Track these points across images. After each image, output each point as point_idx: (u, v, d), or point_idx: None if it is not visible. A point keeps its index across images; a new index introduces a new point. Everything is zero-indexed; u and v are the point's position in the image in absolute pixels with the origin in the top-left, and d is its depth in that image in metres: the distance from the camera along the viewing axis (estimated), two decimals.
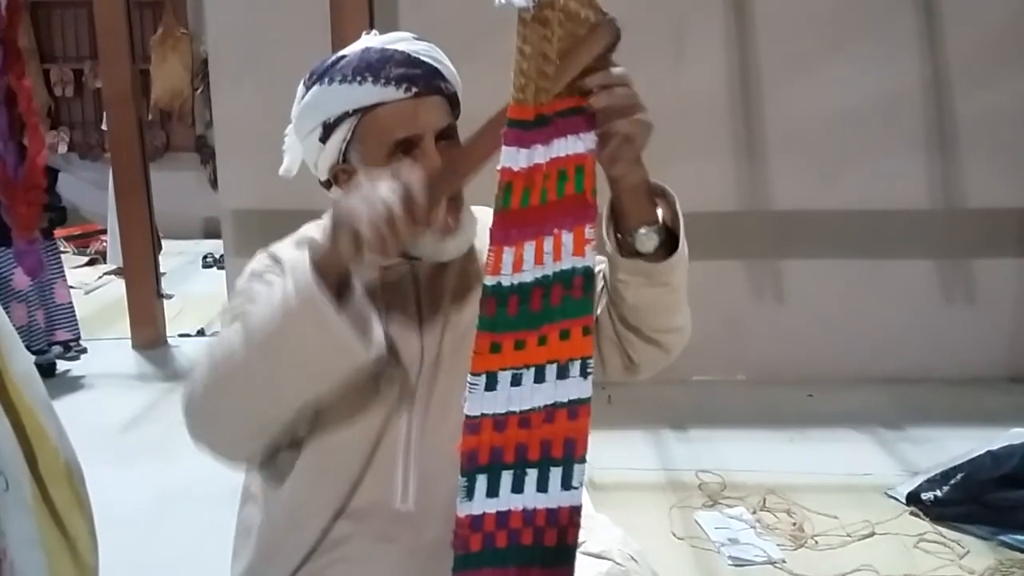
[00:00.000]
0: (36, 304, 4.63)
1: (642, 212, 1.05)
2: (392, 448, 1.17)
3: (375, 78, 1.13)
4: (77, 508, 1.12)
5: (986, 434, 3.33)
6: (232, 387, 1.06)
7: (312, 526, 1.18)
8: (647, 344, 1.17)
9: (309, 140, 1.20)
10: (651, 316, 1.14)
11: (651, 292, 1.10)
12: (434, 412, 1.17)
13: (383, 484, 1.17)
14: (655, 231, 1.05)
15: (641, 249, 1.06)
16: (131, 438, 3.86)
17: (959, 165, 4.31)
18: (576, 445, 1.04)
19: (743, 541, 2.85)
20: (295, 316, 0.99)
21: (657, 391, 4.18)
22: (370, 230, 0.96)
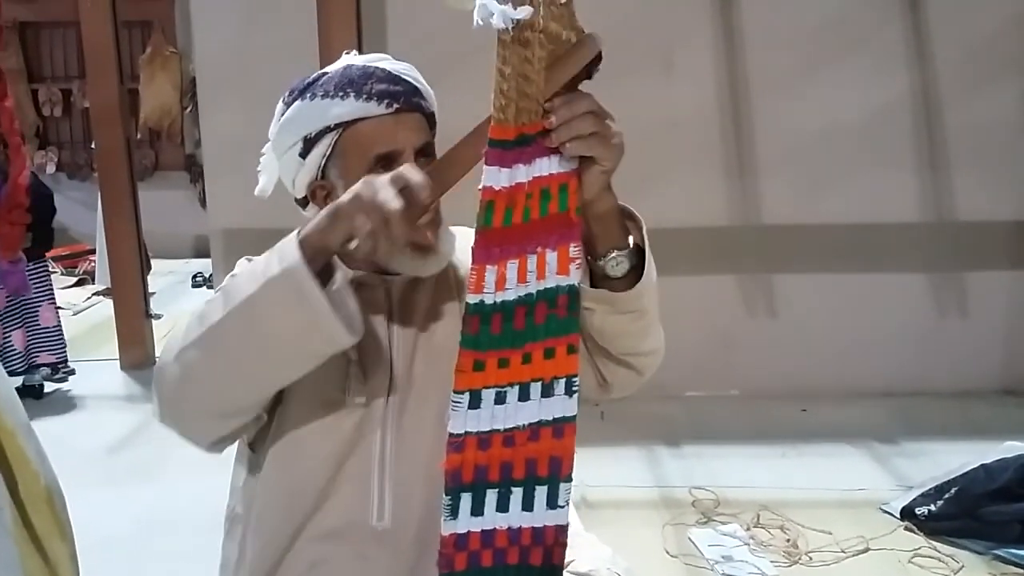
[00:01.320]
0: (16, 325, 4.58)
1: (612, 237, 1.03)
2: (366, 465, 1.15)
3: (357, 93, 1.13)
4: (58, 533, 1.10)
5: (980, 447, 3.33)
6: (206, 357, 1.04)
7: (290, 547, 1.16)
8: (618, 366, 1.16)
9: (288, 156, 1.19)
10: (620, 341, 1.13)
11: (618, 319, 1.09)
12: (408, 428, 1.16)
13: (358, 502, 1.15)
14: (625, 256, 1.04)
15: (612, 274, 1.04)
16: (119, 460, 3.83)
17: (948, 178, 4.33)
18: (562, 464, 1.03)
19: (737, 558, 2.83)
20: (276, 287, 0.98)
21: (650, 407, 4.18)
22: (366, 224, 0.95)
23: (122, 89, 4.88)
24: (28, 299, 4.61)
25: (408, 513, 1.15)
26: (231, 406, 1.09)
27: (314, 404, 1.14)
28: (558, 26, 0.92)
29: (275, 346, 1.02)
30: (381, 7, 4.13)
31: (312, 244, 0.99)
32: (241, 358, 1.04)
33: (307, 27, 3.82)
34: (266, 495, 1.18)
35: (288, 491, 1.16)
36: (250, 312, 1.00)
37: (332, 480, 1.15)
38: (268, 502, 1.17)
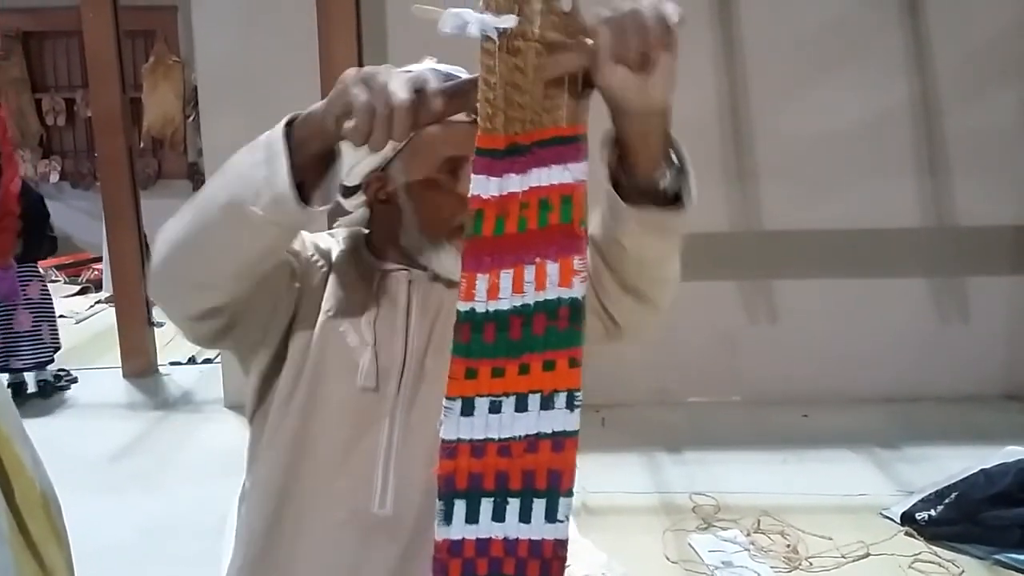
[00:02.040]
0: None
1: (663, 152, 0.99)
2: (372, 451, 1.16)
3: None
4: (54, 539, 1.10)
5: (981, 452, 3.32)
6: (186, 217, 1.06)
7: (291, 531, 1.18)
8: (637, 301, 1.13)
9: None
10: (654, 268, 1.10)
11: (660, 243, 1.05)
12: (416, 420, 1.17)
13: (362, 488, 1.16)
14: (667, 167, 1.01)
15: (665, 186, 1.01)
16: (121, 468, 3.83)
17: (949, 183, 4.33)
18: (562, 478, 1.02)
19: (737, 564, 2.83)
20: (253, 146, 1.00)
21: (651, 413, 4.19)
22: (363, 110, 0.91)
23: (124, 98, 4.89)
24: (10, 303, 4.59)
25: (409, 503, 1.16)
26: (200, 271, 1.08)
27: (326, 386, 1.16)
28: (559, 35, 0.90)
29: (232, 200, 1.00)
30: (382, 15, 4.14)
31: (310, 121, 0.98)
32: (208, 216, 1.03)
33: (307, 36, 3.84)
34: (273, 476, 1.19)
35: (295, 473, 1.17)
36: (225, 170, 1.03)
37: (339, 465, 1.16)
38: (274, 482, 1.19)
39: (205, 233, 1.05)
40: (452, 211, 1.16)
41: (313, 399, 1.17)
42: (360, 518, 1.16)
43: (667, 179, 1.01)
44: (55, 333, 4.85)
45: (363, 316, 1.19)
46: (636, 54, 0.87)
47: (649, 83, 0.89)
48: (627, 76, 0.89)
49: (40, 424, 4.39)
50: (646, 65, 0.88)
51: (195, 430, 4.19)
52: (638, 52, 0.87)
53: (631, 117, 0.94)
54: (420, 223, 1.19)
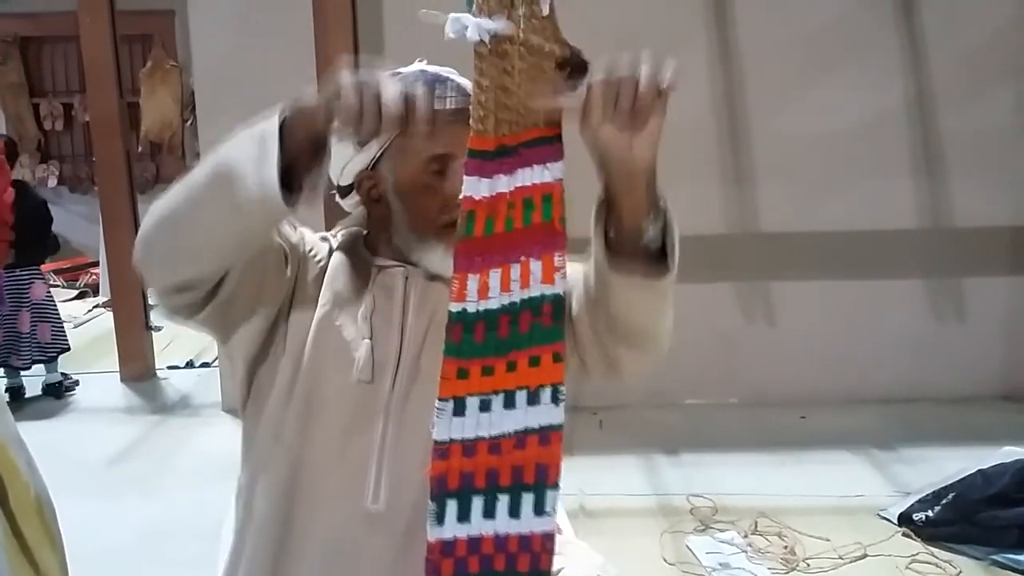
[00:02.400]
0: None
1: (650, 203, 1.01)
2: (366, 448, 1.17)
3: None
4: (48, 542, 1.11)
5: (979, 453, 3.32)
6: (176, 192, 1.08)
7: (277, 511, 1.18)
8: (635, 349, 1.14)
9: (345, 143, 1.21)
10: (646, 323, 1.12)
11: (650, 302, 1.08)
12: (410, 417, 1.18)
13: (355, 483, 1.17)
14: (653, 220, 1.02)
15: (648, 240, 1.02)
16: (119, 472, 3.83)
17: (946, 184, 4.34)
18: (548, 471, 1.04)
19: (734, 566, 2.83)
20: (244, 137, 1.02)
21: (649, 415, 4.19)
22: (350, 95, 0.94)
23: (122, 102, 4.90)
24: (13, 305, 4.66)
25: (402, 499, 1.16)
26: (182, 241, 1.10)
27: (324, 379, 1.17)
28: (540, 38, 0.93)
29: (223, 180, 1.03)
30: (378, 18, 4.15)
31: (302, 110, 1.01)
32: (197, 192, 1.06)
33: (304, 39, 3.85)
34: (268, 472, 1.19)
35: (291, 468, 1.18)
36: (217, 151, 1.05)
37: (335, 459, 1.17)
38: (270, 479, 1.19)
39: (190, 206, 1.08)
40: (439, 209, 1.17)
41: (312, 392, 1.18)
42: (354, 513, 1.17)
43: (651, 234, 1.03)
44: (60, 333, 4.89)
45: (359, 310, 1.21)
46: (624, 116, 0.91)
47: (635, 143, 0.93)
48: (613, 135, 0.93)
49: (39, 428, 4.38)
50: (634, 125, 0.91)
51: (193, 434, 4.19)
52: (626, 115, 0.91)
53: (616, 172, 0.97)
54: (409, 222, 1.20)
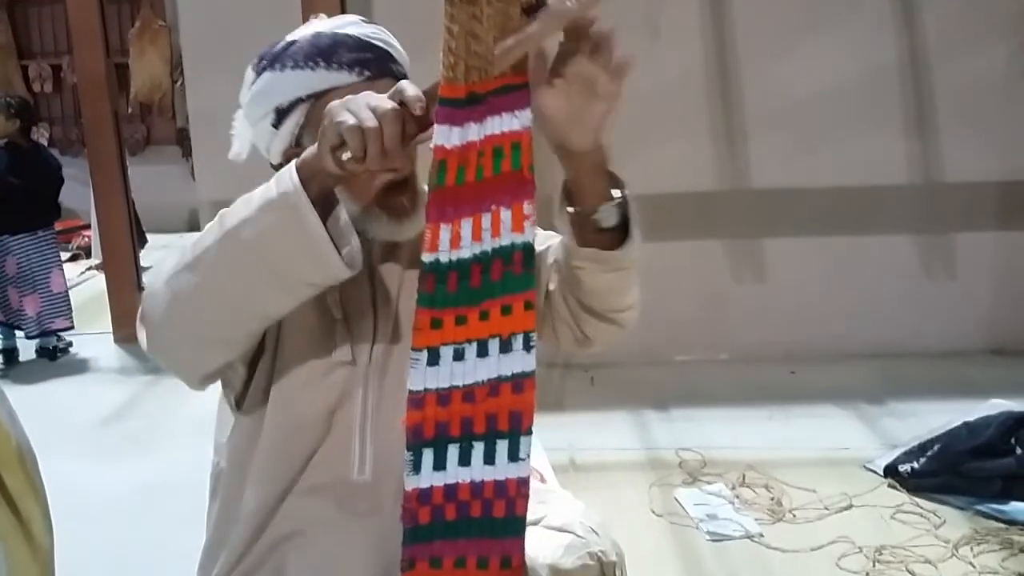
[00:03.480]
0: (28, 291, 4.77)
1: (601, 188, 1.04)
2: (349, 421, 1.18)
3: (327, 63, 1.13)
4: (31, 491, 1.12)
5: (966, 406, 3.36)
6: (197, 279, 1.03)
7: (273, 500, 1.19)
8: (601, 322, 1.18)
9: (261, 125, 1.19)
10: (606, 297, 1.15)
11: (608, 277, 1.10)
12: (389, 386, 1.18)
13: (340, 456, 1.17)
14: (614, 207, 1.05)
15: (604, 225, 1.05)
16: (113, 431, 3.86)
17: (937, 140, 4.33)
18: (522, 418, 1.04)
19: (721, 516, 2.87)
20: (273, 209, 0.96)
21: (640, 372, 4.22)
22: (353, 131, 0.92)
23: (109, 63, 4.87)
24: (39, 267, 4.78)
25: (388, 468, 1.17)
26: (218, 334, 1.08)
27: (301, 363, 1.16)
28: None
29: (267, 269, 0.99)
30: None
31: (308, 164, 0.97)
32: (232, 280, 1.02)
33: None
34: (254, 452, 1.19)
35: (276, 449, 1.18)
36: (245, 234, 0.98)
37: (320, 436, 1.17)
38: (257, 459, 1.19)
39: (226, 301, 1.04)
40: (371, 174, 1.11)
41: (291, 381, 1.17)
42: (341, 486, 1.18)
43: (606, 215, 1.05)
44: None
45: (328, 294, 1.17)
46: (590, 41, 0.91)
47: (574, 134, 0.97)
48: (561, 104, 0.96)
49: (33, 390, 4.42)
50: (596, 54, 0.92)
51: (186, 394, 4.09)
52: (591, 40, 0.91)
53: (571, 155, 1.00)
54: (348, 192, 1.14)
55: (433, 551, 1.05)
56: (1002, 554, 2.62)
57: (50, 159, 5.08)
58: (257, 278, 1.01)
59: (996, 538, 2.70)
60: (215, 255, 1.01)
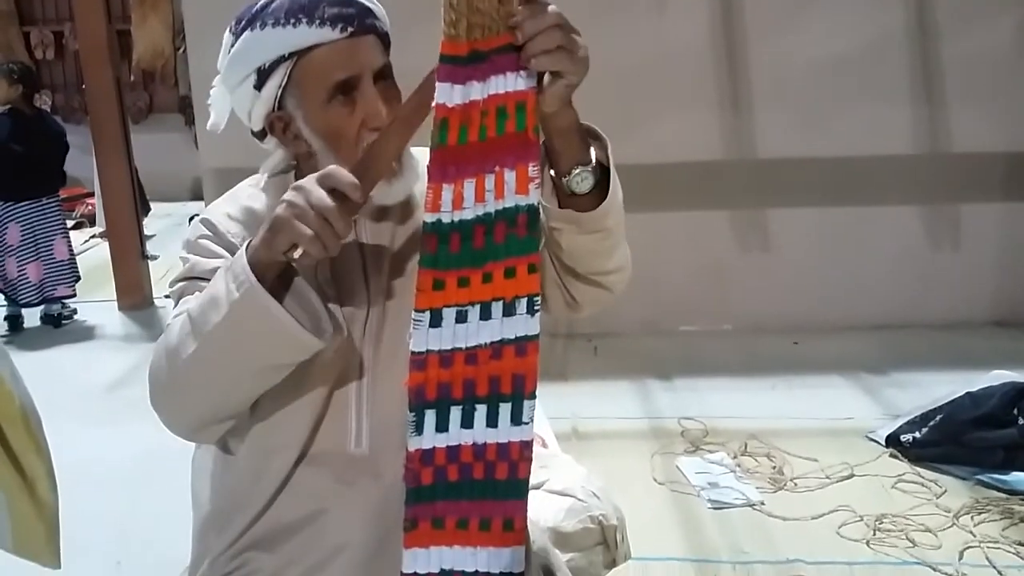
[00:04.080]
0: (31, 258, 4.79)
1: (574, 152, 1.04)
2: (344, 394, 1.17)
3: (309, 19, 1.11)
4: (34, 450, 1.12)
5: (969, 378, 3.34)
6: (187, 384, 1.09)
7: (273, 473, 1.19)
8: (586, 285, 1.18)
9: (242, 89, 1.17)
10: (586, 260, 1.15)
11: (585, 239, 1.10)
12: (384, 356, 1.17)
13: (337, 430, 1.17)
14: (590, 171, 1.05)
15: (576, 190, 1.05)
16: (118, 397, 3.88)
17: (944, 110, 4.29)
18: (525, 381, 1.04)
19: (723, 485, 2.88)
20: (239, 312, 1.01)
21: (643, 342, 4.23)
22: (307, 230, 0.98)
23: (111, 29, 4.85)
24: (43, 234, 4.77)
25: (385, 440, 1.16)
26: (219, 416, 1.15)
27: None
28: None
29: (251, 364, 1.07)
30: None
31: (261, 260, 1.02)
32: (219, 380, 1.08)
33: None
34: (250, 432, 1.19)
35: (271, 425, 1.18)
36: (220, 340, 1.04)
37: (314, 412, 1.17)
38: (252, 439, 1.19)
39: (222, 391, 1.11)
40: (358, 134, 1.13)
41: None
42: (337, 458, 1.18)
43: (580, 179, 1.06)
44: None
45: (318, 270, 1.17)
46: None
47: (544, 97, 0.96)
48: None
49: (38, 357, 4.44)
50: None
51: None
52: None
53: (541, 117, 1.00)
54: (333, 154, 1.14)
55: (436, 511, 1.06)
56: (1003, 523, 2.62)
57: (54, 125, 5.08)
58: (241, 372, 1.08)
59: (997, 507, 2.70)
60: (197, 362, 1.06)
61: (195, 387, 1.09)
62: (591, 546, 1.56)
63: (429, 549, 1.06)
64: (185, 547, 1.29)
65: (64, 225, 5.02)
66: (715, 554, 2.53)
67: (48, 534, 1.20)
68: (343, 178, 1.00)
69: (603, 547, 1.58)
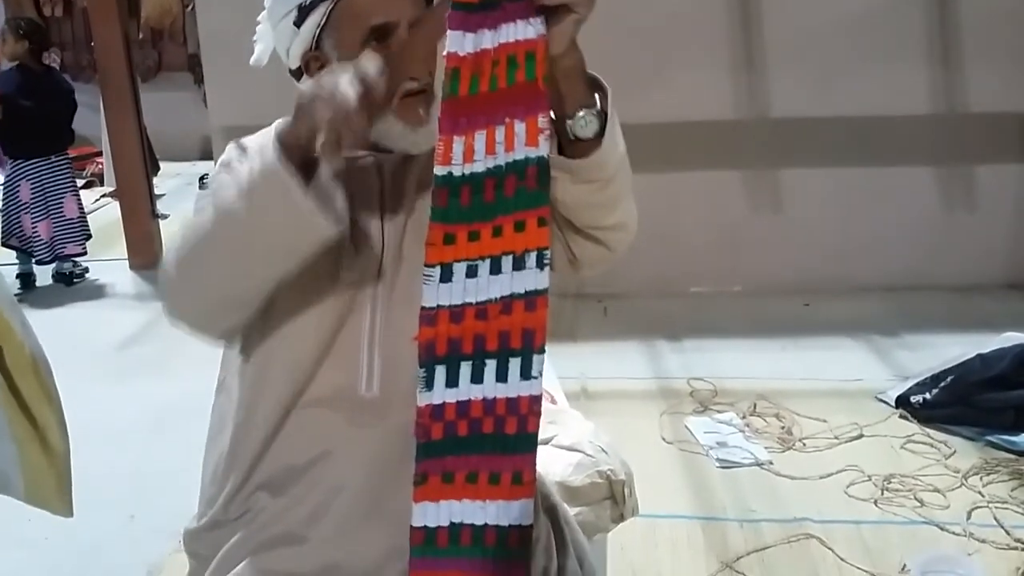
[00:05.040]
0: (41, 216, 4.79)
1: (579, 94, 1.03)
2: (356, 336, 1.17)
3: None
4: (45, 399, 1.13)
5: (981, 340, 3.32)
6: (203, 258, 1.08)
7: (273, 411, 1.20)
8: (585, 240, 1.17)
9: (283, 25, 1.18)
10: (582, 213, 1.13)
11: (578, 189, 1.08)
12: (398, 301, 1.17)
13: (347, 371, 1.18)
14: (595, 115, 1.03)
15: (580, 134, 1.04)
16: (129, 356, 3.91)
17: (961, 70, 4.23)
18: (535, 336, 1.04)
19: (731, 444, 2.89)
20: (261, 191, 1.00)
21: (653, 304, 4.22)
22: (326, 125, 0.96)
23: None
24: (53, 192, 4.78)
25: (396, 385, 1.17)
26: (232, 301, 1.13)
27: (308, 280, 1.16)
28: None
29: (266, 243, 1.04)
30: None
31: (286, 141, 1.00)
32: (235, 257, 1.06)
33: None
34: (260, 368, 1.20)
35: (282, 364, 1.18)
36: (239, 213, 1.02)
37: (324, 353, 1.17)
38: (262, 374, 1.20)
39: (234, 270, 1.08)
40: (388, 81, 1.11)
41: (299, 294, 1.17)
42: (348, 401, 1.18)
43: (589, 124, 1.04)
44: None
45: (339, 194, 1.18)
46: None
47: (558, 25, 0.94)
48: None
49: (50, 315, 4.46)
50: None
51: None
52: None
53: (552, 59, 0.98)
54: None
55: (445, 466, 1.06)
56: (1011, 484, 2.63)
57: (62, 82, 5.06)
58: (256, 251, 1.06)
59: (1006, 468, 2.71)
60: (215, 234, 1.06)
61: (207, 258, 1.08)
62: (599, 500, 1.57)
63: (439, 503, 1.07)
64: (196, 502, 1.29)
65: (74, 183, 5.02)
66: (722, 512, 2.55)
67: (60, 483, 1.21)
68: (370, 68, 0.99)
69: (611, 502, 1.59)
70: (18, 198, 4.78)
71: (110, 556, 2.45)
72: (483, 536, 1.06)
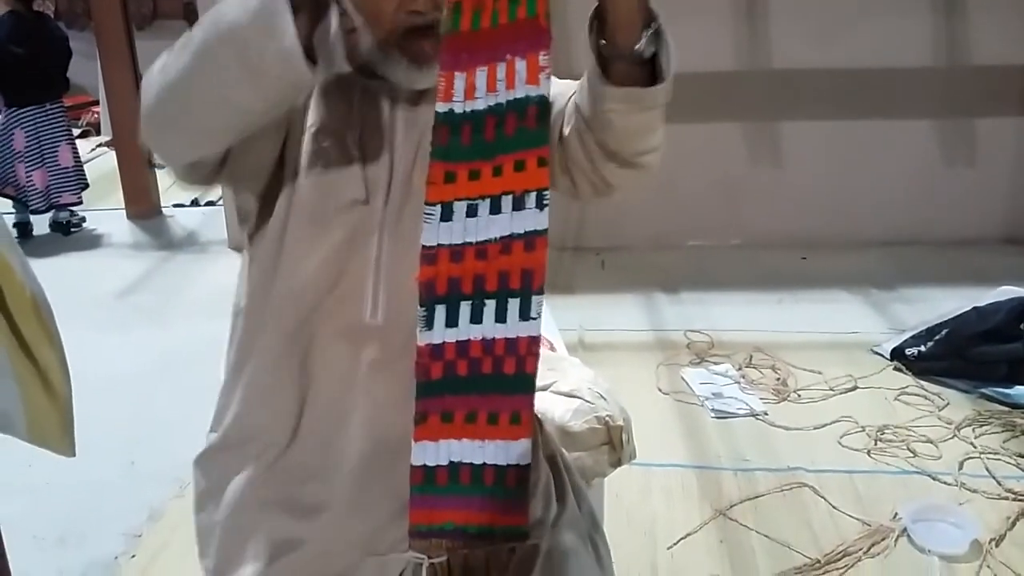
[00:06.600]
0: (36, 165, 4.77)
1: (643, 11, 1.00)
2: (362, 262, 1.17)
3: None
4: (46, 340, 1.13)
5: (977, 293, 3.34)
6: (181, 68, 1.03)
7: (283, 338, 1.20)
8: (623, 168, 1.14)
9: None
10: (635, 140, 1.10)
11: (643, 117, 1.06)
12: (404, 233, 1.17)
13: (353, 297, 1.18)
14: (652, 35, 1.01)
15: (646, 55, 1.01)
16: (128, 304, 3.91)
17: (964, 22, 4.19)
18: (534, 277, 1.03)
19: (727, 395, 2.90)
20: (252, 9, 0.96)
21: (651, 257, 4.22)
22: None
23: None
24: (48, 140, 4.74)
25: (400, 314, 1.16)
26: (199, 122, 1.08)
27: (316, 200, 1.16)
28: None
29: (236, 55, 0.99)
30: None
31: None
32: (207, 64, 1.01)
33: None
34: (271, 289, 1.20)
35: (292, 286, 1.19)
36: (225, 20, 0.98)
37: (331, 278, 1.18)
38: (273, 296, 1.20)
39: (204, 88, 1.03)
40: (395, 12, 1.10)
41: (308, 215, 1.17)
42: (352, 328, 1.18)
43: (645, 46, 1.01)
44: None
45: (347, 132, 1.18)
46: None
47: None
48: None
49: (47, 264, 4.45)
50: None
51: (200, 269, 4.25)
52: None
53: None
54: (369, 30, 1.13)
55: (445, 405, 1.07)
56: (1004, 435, 2.65)
57: (56, 30, 5.00)
58: (227, 63, 0.99)
59: (999, 420, 2.73)
60: (198, 41, 1.01)
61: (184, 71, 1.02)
62: (597, 445, 1.58)
63: (438, 442, 1.08)
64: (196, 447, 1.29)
65: (69, 131, 4.98)
66: (717, 461, 2.57)
67: (62, 423, 1.22)
68: None
69: (609, 447, 1.60)
70: (12, 146, 4.74)
71: (111, 502, 2.47)
72: (482, 475, 1.07)
